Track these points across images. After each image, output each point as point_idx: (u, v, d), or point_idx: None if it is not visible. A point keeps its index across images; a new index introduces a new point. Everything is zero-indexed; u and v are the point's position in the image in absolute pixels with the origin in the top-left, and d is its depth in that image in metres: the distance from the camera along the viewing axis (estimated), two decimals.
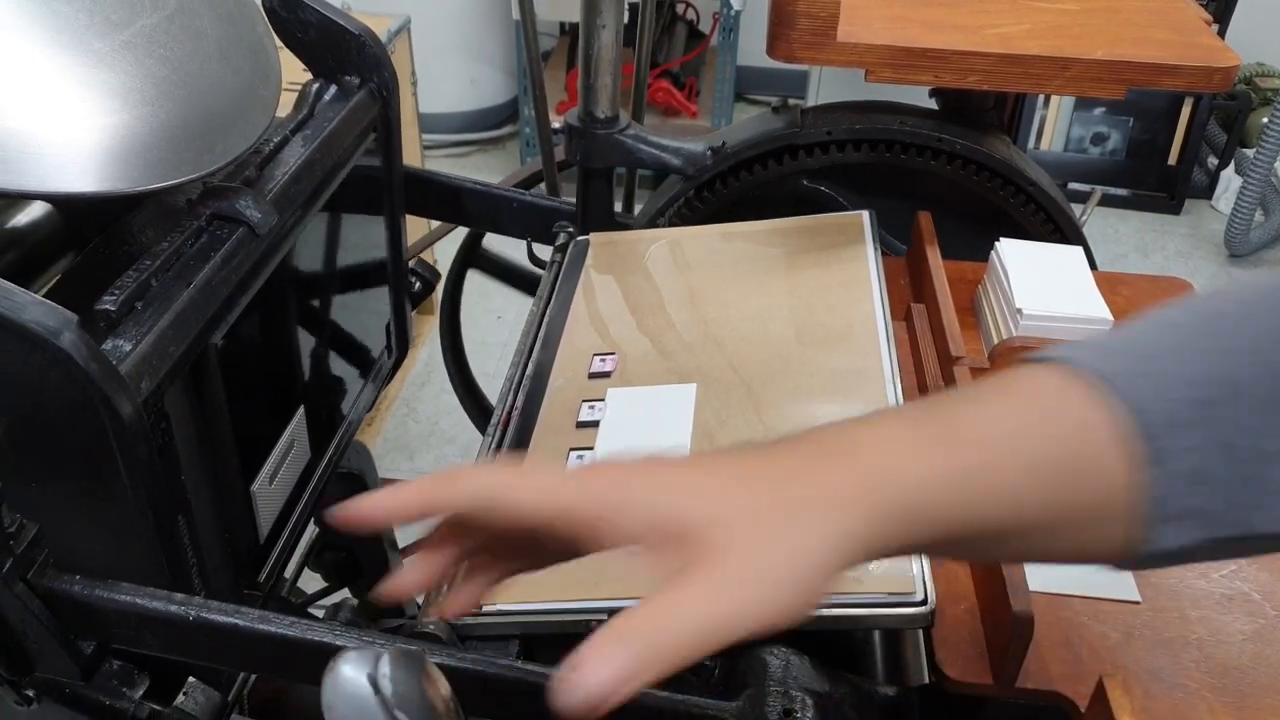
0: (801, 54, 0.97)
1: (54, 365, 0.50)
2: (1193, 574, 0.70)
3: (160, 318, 0.58)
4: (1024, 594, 0.60)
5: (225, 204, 0.66)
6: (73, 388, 0.51)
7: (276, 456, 0.76)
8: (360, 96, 0.83)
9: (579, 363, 0.85)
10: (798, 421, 0.75)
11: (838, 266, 0.91)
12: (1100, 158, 3.14)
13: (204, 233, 0.65)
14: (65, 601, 0.57)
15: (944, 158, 1.04)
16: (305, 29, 0.81)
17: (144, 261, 0.61)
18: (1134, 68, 0.94)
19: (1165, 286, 0.98)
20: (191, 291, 0.61)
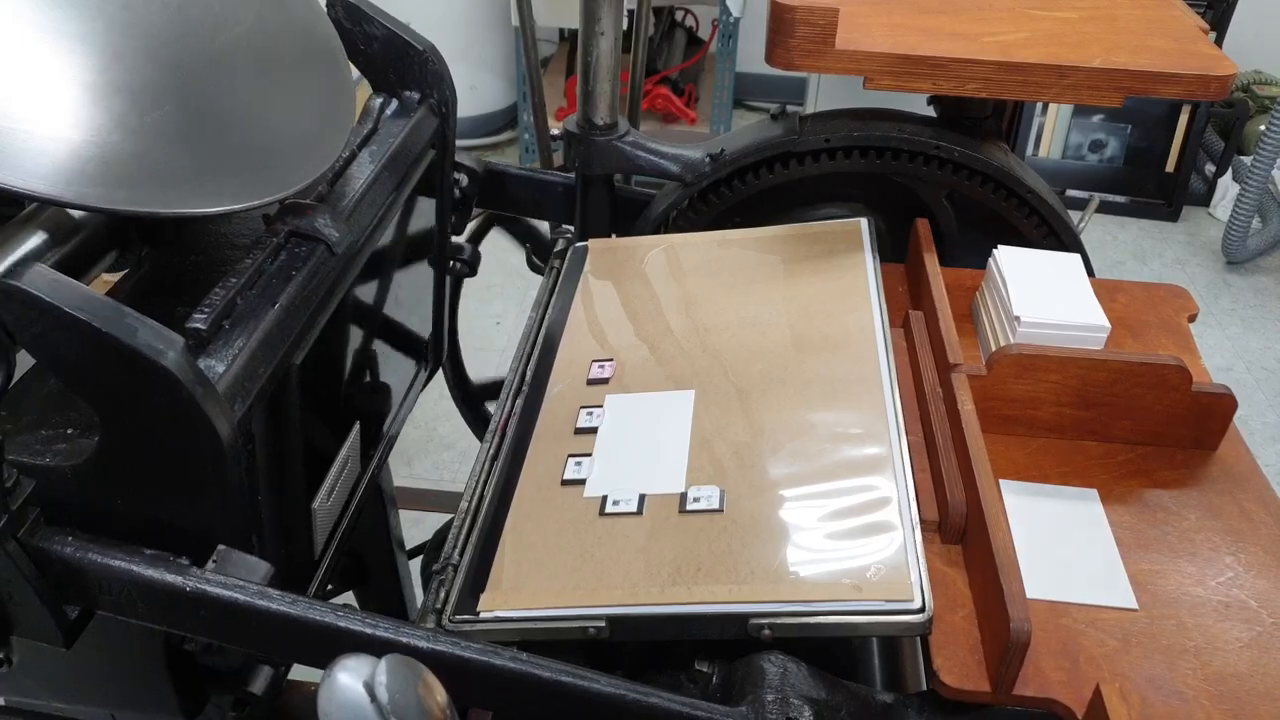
0: (800, 61, 0.97)
1: (160, 388, 0.50)
2: (1190, 581, 0.70)
3: (249, 338, 0.58)
4: (1021, 602, 0.60)
5: (305, 222, 0.66)
6: (176, 410, 0.51)
7: (334, 473, 0.76)
8: (422, 113, 0.83)
9: (577, 369, 0.85)
10: (794, 429, 0.75)
11: (836, 274, 0.91)
12: (1098, 165, 3.14)
13: (282, 250, 0.65)
14: (56, 562, 0.56)
15: (943, 165, 1.04)
16: (369, 42, 0.82)
17: (229, 279, 0.61)
18: (1132, 76, 0.95)
19: (1163, 294, 0.98)
20: (277, 312, 0.61)
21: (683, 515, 0.68)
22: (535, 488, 0.74)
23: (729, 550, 0.65)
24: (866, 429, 0.73)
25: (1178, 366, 0.79)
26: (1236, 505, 0.77)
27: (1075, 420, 0.82)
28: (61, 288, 0.49)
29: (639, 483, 0.72)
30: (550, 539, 0.69)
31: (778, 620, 0.61)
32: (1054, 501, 0.76)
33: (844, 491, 0.68)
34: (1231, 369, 2.50)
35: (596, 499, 0.71)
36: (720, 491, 0.69)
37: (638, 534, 0.68)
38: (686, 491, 0.70)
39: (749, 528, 0.67)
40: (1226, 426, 0.81)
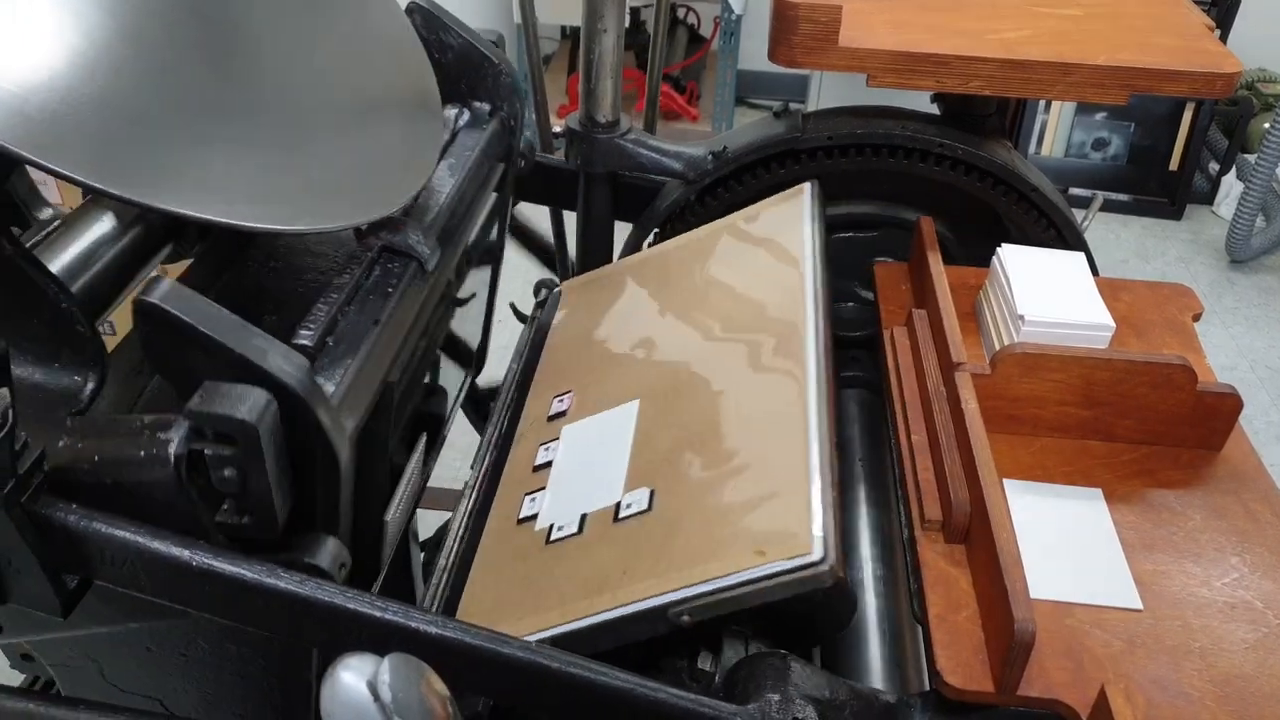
0: (803, 59, 0.97)
1: (286, 408, 0.50)
2: (1195, 582, 0.70)
3: (356, 357, 0.59)
4: (1026, 602, 0.60)
5: (399, 238, 0.66)
6: (298, 430, 0.51)
7: (404, 485, 0.77)
8: (495, 126, 0.83)
9: (541, 410, 0.86)
10: (718, 416, 0.74)
11: (772, 248, 0.90)
12: (1102, 163, 3.14)
13: (376, 265, 0.65)
14: (58, 530, 0.55)
15: (945, 163, 1.04)
16: (444, 51, 0.82)
17: (330, 295, 0.61)
18: (1137, 73, 0.94)
19: (1167, 293, 0.98)
20: (379, 330, 0.61)
21: (616, 524, 0.69)
22: (497, 533, 0.76)
23: (654, 547, 0.65)
24: (783, 400, 0.72)
25: (1183, 366, 0.78)
26: (1242, 505, 0.76)
27: (1079, 420, 0.81)
28: (194, 304, 0.48)
29: (582, 504, 0.72)
30: (505, 578, 0.70)
31: (694, 604, 0.60)
32: (1058, 501, 0.76)
33: (759, 466, 0.68)
34: (1235, 368, 2.50)
35: (544, 529, 0.72)
36: (650, 492, 0.70)
37: (578, 553, 0.69)
38: (620, 500, 0.70)
39: (673, 521, 0.67)
40: (1231, 426, 0.81)
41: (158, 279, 0.49)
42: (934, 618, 0.66)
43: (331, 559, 0.56)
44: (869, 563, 0.82)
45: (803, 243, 0.87)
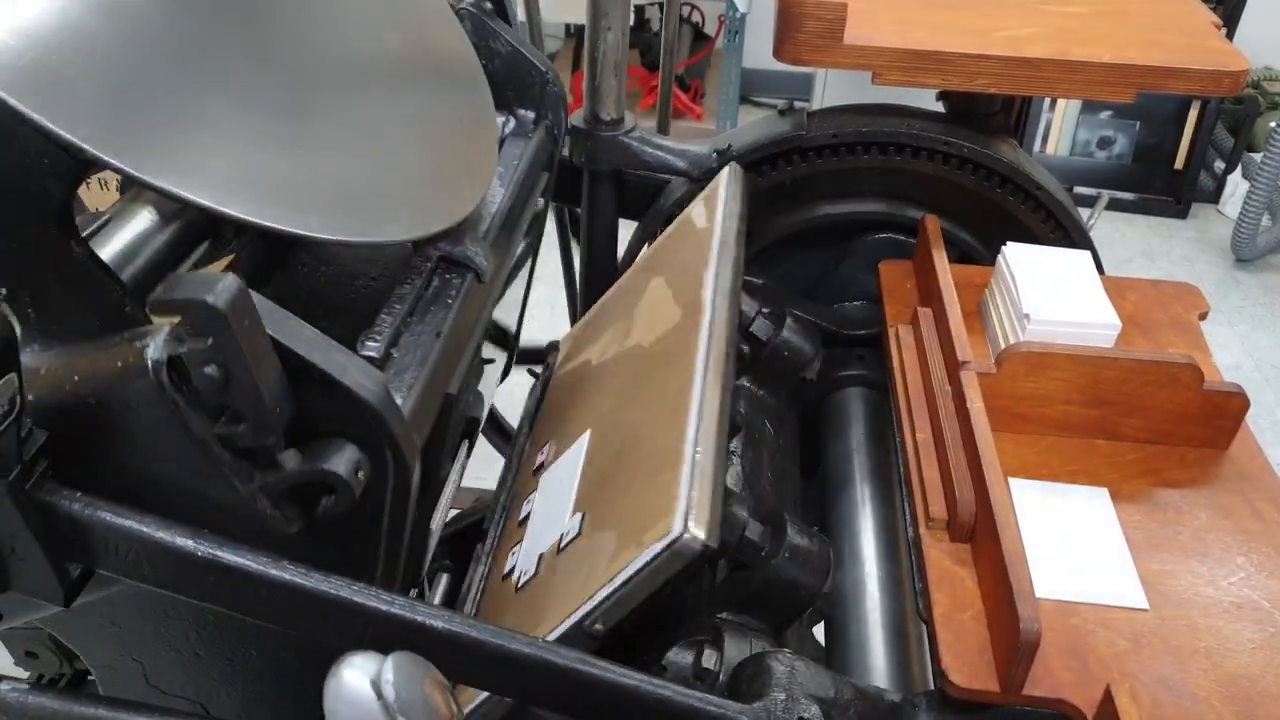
0: (808, 56, 0.96)
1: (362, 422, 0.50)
2: (1201, 582, 0.70)
3: (420, 369, 0.58)
4: (1031, 601, 0.60)
5: (457, 250, 0.66)
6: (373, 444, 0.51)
7: (446, 492, 0.77)
8: (541, 135, 0.84)
9: (530, 466, 0.86)
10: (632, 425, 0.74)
11: (691, 245, 0.89)
12: (1106, 162, 3.13)
13: (434, 275, 0.65)
14: (63, 518, 0.54)
15: (951, 161, 1.04)
16: (492, 58, 0.82)
17: (393, 305, 0.61)
18: (1143, 71, 0.94)
19: (1173, 292, 0.98)
20: (441, 343, 0.61)
21: (559, 555, 0.70)
22: (491, 594, 0.77)
23: (579, 568, 0.66)
24: (674, 393, 0.72)
25: (1189, 365, 0.78)
26: (1248, 505, 0.76)
27: (1085, 419, 0.81)
28: (277, 318, 0.48)
29: (541, 545, 0.73)
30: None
31: (600, 611, 0.61)
32: (1064, 500, 0.76)
33: (646, 463, 0.68)
34: (1240, 367, 2.49)
35: (516, 578, 0.73)
36: (582, 516, 0.70)
37: (535, 593, 0.69)
38: (563, 531, 0.71)
39: (596, 538, 0.67)
40: (1238, 425, 0.80)
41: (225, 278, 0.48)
42: (939, 617, 0.66)
43: (349, 465, 0.55)
44: (874, 561, 0.82)
45: (713, 234, 0.86)
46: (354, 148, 0.61)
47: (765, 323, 0.91)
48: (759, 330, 0.91)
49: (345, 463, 0.54)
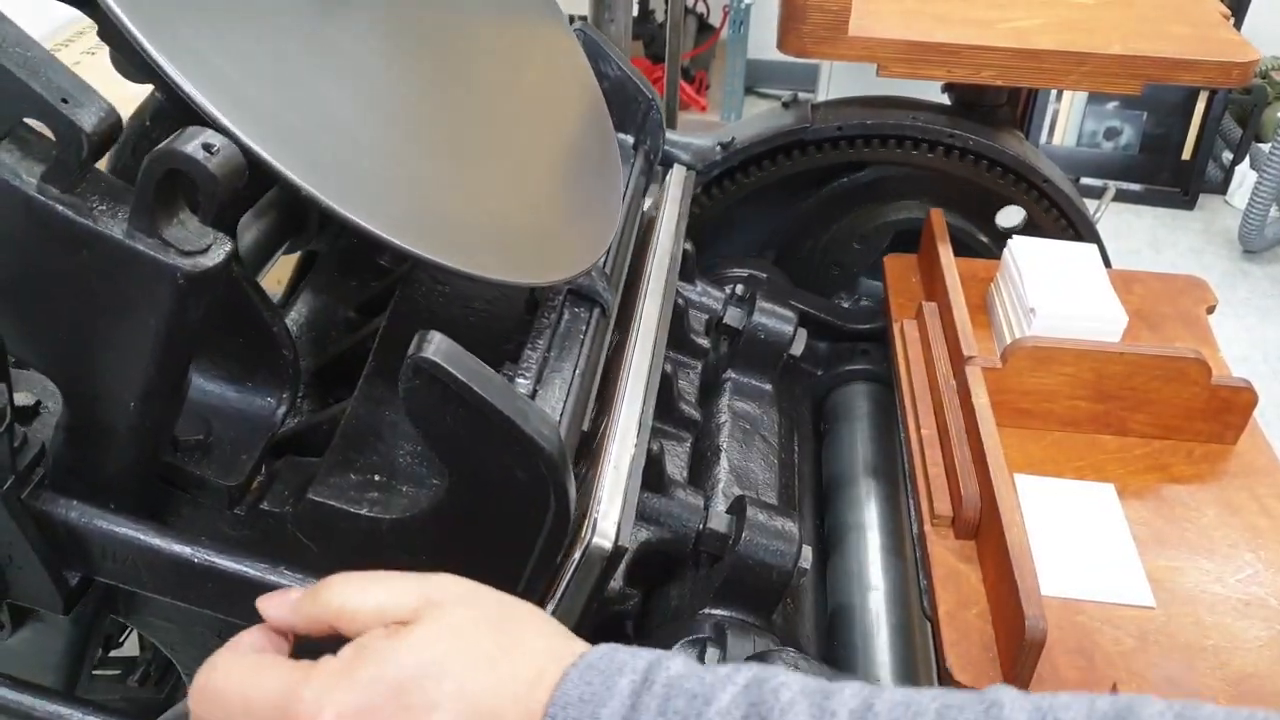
0: (813, 48, 0.96)
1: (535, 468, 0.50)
2: (1209, 579, 0.69)
3: (565, 406, 0.59)
4: (1036, 599, 0.60)
5: (585, 284, 0.66)
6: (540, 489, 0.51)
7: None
8: (641, 161, 0.84)
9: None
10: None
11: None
12: (1113, 152, 3.11)
13: (564, 309, 0.65)
14: (60, 527, 0.54)
15: (956, 153, 1.03)
16: (600, 81, 0.82)
17: (536, 341, 0.62)
18: (1151, 63, 0.93)
19: (1180, 285, 0.97)
20: (579, 379, 0.61)
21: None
22: None
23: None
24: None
25: (1196, 359, 0.78)
26: (1256, 501, 0.75)
27: (1091, 414, 0.81)
28: (467, 363, 0.48)
29: None
30: None
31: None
32: (1070, 496, 0.75)
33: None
34: (1248, 359, 2.48)
35: None
36: None
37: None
38: None
39: None
40: (1246, 420, 0.80)
41: (429, 334, 0.48)
42: (943, 614, 0.66)
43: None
44: (878, 558, 0.81)
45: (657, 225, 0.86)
46: (508, 187, 0.62)
47: (736, 310, 0.90)
48: (732, 319, 0.90)
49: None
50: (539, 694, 0.39)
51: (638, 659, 0.41)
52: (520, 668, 0.40)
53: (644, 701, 0.39)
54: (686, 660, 0.41)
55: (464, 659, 0.40)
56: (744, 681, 0.39)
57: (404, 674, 0.39)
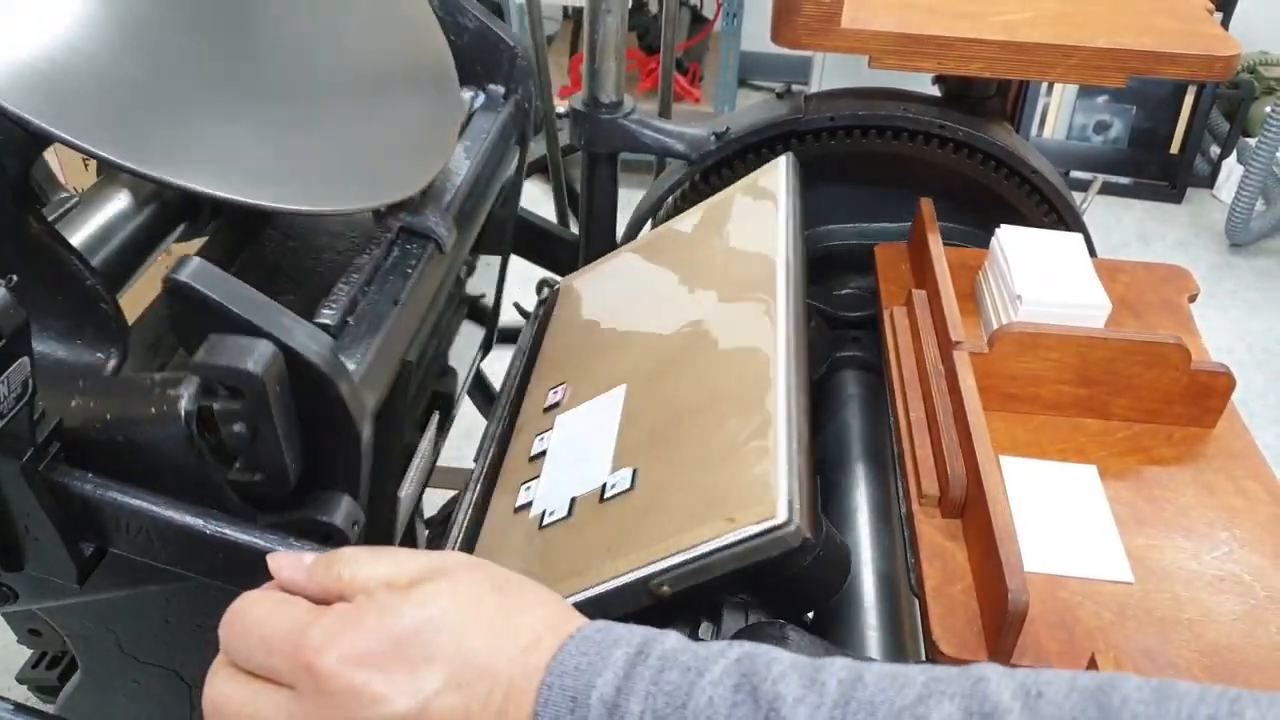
0: (806, 40, 0.97)
1: (310, 385, 0.51)
2: (1186, 556, 0.71)
3: (375, 336, 0.60)
4: (1019, 573, 0.62)
5: (417, 220, 0.67)
6: (322, 407, 0.52)
7: (417, 461, 0.78)
8: (510, 109, 0.84)
9: (538, 403, 0.87)
10: (695, 392, 0.75)
11: (750, 223, 0.90)
12: (1103, 146, 3.14)
13: (395, 246, 0.66)
14: (75, 498, 0.56)
15: (946, 144, 1.05)
16: (460, 33, 0.83)
17: (351, 275, 0.62)
18: (1135, 56, 0.95)
19: (1164, 274, 0.99)
20: (398, 311, 0.62)
21: (602, 504, 0.70)
22: (496, 523, 0.77)
23: (636, 524, 0.66)
24: (754, 370, 0.73)
25: (1177, 345, 0.80)
26: (1233, 482, 0.78)
27: (1075, 398, 0.83)
28: (223, 283, 0.50)
29: (572, 488, 0.74)
30: (502, 563, 0.71)
31: (671, 574, 0.62)
32: (1053, 478, 0.78)
33: (728, 438, 0.69)
34: (1233, 351, 2.51)
35: (538, 516, 0.73)
36: (633, 471, 0.71)
37: (568, 536, 0.70)
38: (606, 481, 0.71)
39: (654, 497, 0.68)
40: (1224, 405, 0.82)
41: (187, 258, 0.50)
42: (930, 590, 0.68)
43: (345, 516, 0.57)
44: (867, 537, 0.83)
45: (777, 217, 0.88)
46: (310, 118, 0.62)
47: None
48: None
49: (342, 515, 0.57)
50: (535, 660, 0.41)
51: (633, 634, 0.43)
52: (518, 631, 0.42)
53: (638, 672, 0.40)
54: (680, 636, 0.43)
55: (463, 616, 0.42)
56: (736, 655, 0.41)
57: (404, 625, 0.41)
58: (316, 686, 0.41)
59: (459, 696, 0.41)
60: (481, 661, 0.41)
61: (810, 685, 0.39)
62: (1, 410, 0.49)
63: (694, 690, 0.39)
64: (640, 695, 0.39)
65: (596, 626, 0.43)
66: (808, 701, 0.38)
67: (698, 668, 0.40)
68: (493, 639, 0.42)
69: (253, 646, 0.43)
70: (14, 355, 0.49)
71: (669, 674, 0.40)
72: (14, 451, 0.52)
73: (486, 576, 0.45)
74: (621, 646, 0.41)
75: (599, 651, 0.41)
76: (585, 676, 0.40)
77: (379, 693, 0.40)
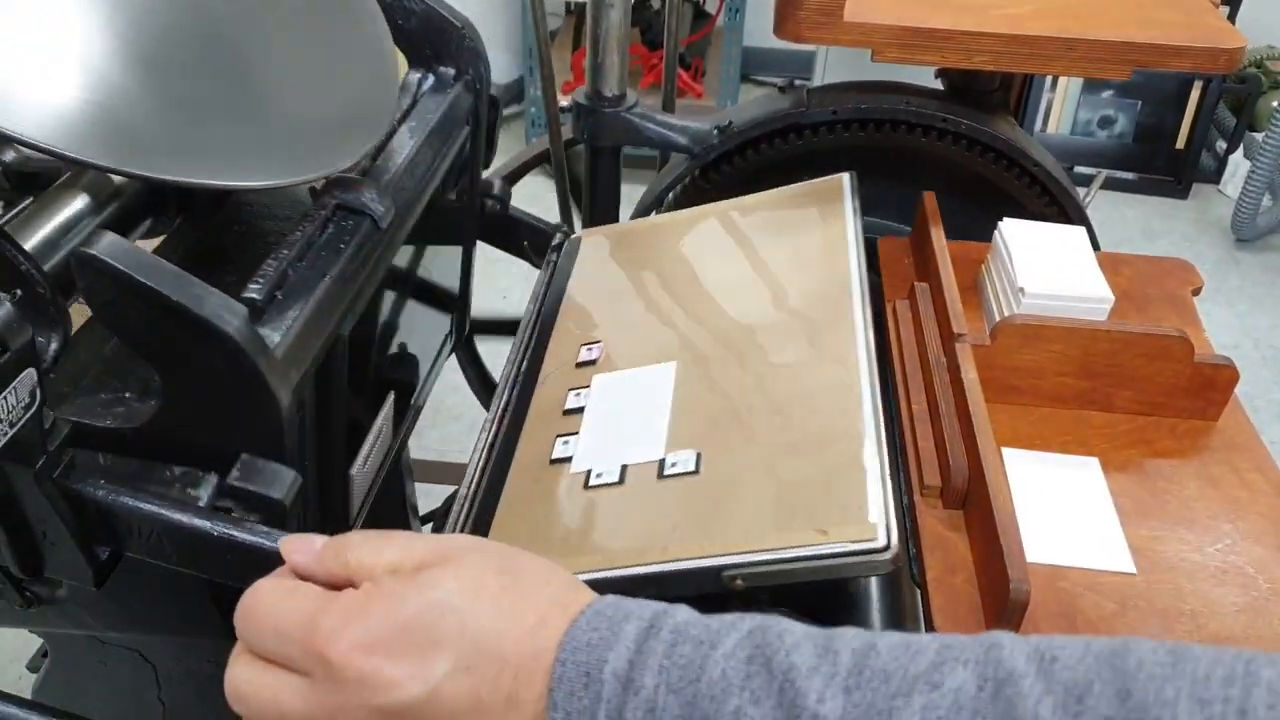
0: (808, 33, 0.97)
1: (224, 355, 0.52)
2: (1188, 548, 0.71)
3: (303, 310, 0.60)
4: (1021, 562, 0.62)
5: (351, 196, 0.68)
6: (238, 377, 0.53)
7: (370, 441, 0.78)
8: (459, 89, 0.84)
9: (567, 355, 0.87)
10: (768, 388, 0.75)
11: (816, 231, 0.91)
12: (1107, 141, 3.13)
13: (330, 223, 0.67)
14: (89, 504, 0.57)
15: (949, 138, 1.05)
16: (407, 17, 0.83)
17: (281, 252, 0.62)
18: (1139, 48, 0.95)
19: (1168, 268, 0.99)
20: (327, 284, 0.62)
21: (661, 480, 0.70)
22: (526, 470, 0.76)
23: (703, 509, 0.66)
24: (837, 380, 0.73)
25: (1180, 337, 0.80)
26: (1236, 475, 0.78)
27: (1077, 390, 0.83)
28: (134, 256, 0.50)
29: (621, 454, 0.73)
30: (539, 515, 0.71)
31: (748, 570, 0.62)
32: (1055, 469, 0.78)
33: (813, 441, 0.69)
34: (1239, 346, 2.50)
35: (582, 473, 0.73)
36: (696, 454, 0.71)
37: (620, 502, 0.69)
38: (665, 458, 0.71)
39: (723, 485, 0.68)
40: (1228, 397, 0.82)
41: (101, 232, 0.50)
42: (931, 580, 0.68)
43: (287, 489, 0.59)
44: None
45: (846, 232, 0.89)
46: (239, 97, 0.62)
47: None
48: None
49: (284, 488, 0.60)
50: (543, 639, 0.42)
51: (644, 608, 0.43)
52: (525, 612, 0.42)
53: (650, 646, 0.41)
54: (691, 610, 0.43)
55: (467, 599, 0.42)
56: (748, 628, 0.41)
57: (410, 611, 0.42)
58: (329, 674, 0.41)
59: (468, 679, 0.41)
60: (488, 643, 0.41)
61: (824, 655, 0.39)
62: (11, 419, 0.50)
63: (707, 663, 0.39)
64: (654, 669, 0.40)
65: (607, 602, 0.43)
66: (822, 671, 0.38)
67: (710, 640, 0.40)
68: (499, 620, 0.42)
69: (266, 636, 0.44)
70: (21, 365, 0.50)
71: (682, 647, 0.40)
72: (26, 459, 0.54)
73: (492, 558, 0.45)
74: (633, 621, 0.42)
75: (610, 626, 0.41)
76: (598, 651, 0.41)
77: (390, 678, 0.41)
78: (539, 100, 3.06)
